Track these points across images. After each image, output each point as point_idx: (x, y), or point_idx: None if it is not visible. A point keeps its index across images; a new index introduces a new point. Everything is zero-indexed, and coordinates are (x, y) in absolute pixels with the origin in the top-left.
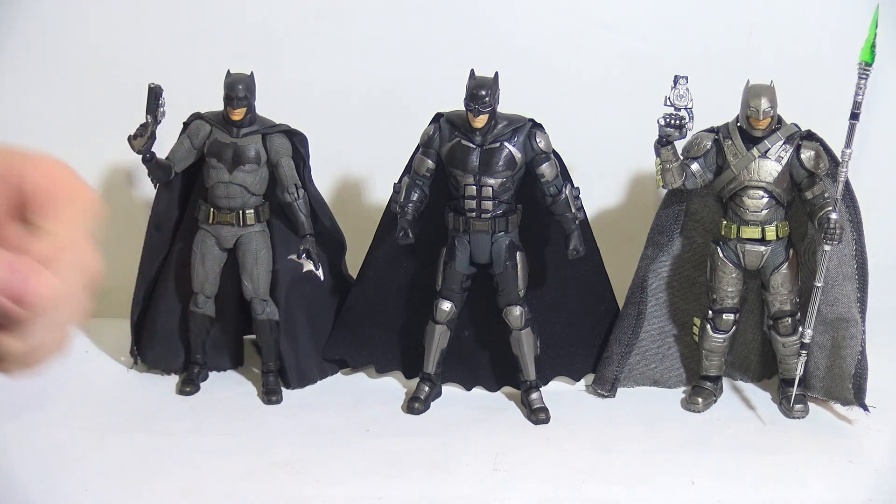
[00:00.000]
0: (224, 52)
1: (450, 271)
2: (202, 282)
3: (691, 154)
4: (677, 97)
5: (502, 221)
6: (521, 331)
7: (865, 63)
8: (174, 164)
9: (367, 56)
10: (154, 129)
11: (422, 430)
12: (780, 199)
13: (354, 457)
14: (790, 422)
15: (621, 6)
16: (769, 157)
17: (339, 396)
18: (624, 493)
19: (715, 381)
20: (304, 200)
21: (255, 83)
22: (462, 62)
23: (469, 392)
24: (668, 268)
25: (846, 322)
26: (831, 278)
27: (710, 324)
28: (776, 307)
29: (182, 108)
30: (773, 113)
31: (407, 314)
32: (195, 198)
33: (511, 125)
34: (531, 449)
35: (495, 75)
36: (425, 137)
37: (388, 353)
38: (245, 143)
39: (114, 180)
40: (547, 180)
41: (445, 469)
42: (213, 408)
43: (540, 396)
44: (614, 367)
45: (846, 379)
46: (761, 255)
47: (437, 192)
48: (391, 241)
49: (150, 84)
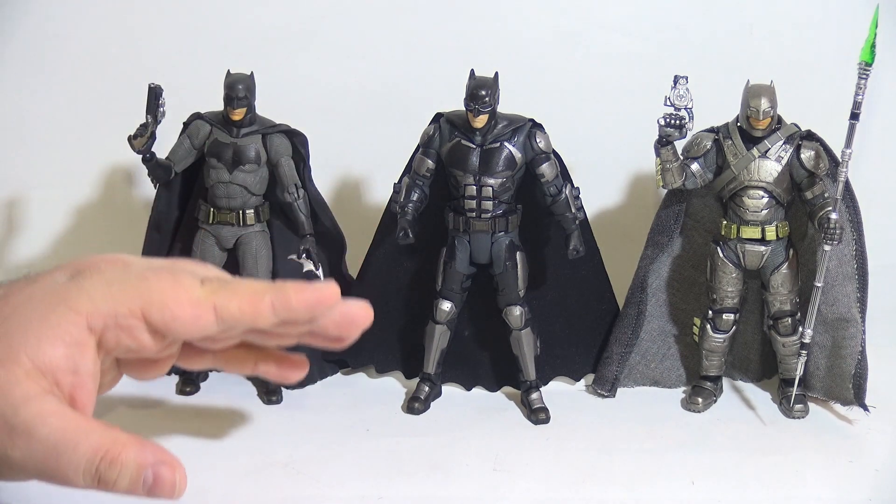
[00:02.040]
0: (224, 52)
1: (450, 271)
2: None
3: (691, 154)
4: (677, 97)
5: (502, 221)
6: (521, 331)
7: (865, 63)
8: (174, 164)
9: (367, 56)
10: (154, 129)
11: (422, 430)
12: (780, 199)
13: (354, 457)
14: (790, 422)
15: (621, 6)
16: (769, 157)
17: (339, 396)
18: (624, 493)
19: (715, 381)
20: (304, 200)
21: (255, 83)
22: (462, 62)
23: (469, 392)
24: (668, 268)
25: (846, 322)
26: (831, 278)
27: (710, 324)
28: (776, 307)
29: (182, 108)
30: (773, 113)
31: (407, 314)
32: (195, 198)
33: (511, 125)
34: (531, 449)
35: (495, 75)
36: (425, 137)
37: (388, 353)
38: (245, 143)
39: (114, 180)
40: (547, 180)
41: (445, 469)
42: (213, 408)
43: (540, 396)
44: (614, 367)
45: (846, 379)
46: (761, 255)
47: (437, 192)
48: (391, 241)
49: (150, 84)
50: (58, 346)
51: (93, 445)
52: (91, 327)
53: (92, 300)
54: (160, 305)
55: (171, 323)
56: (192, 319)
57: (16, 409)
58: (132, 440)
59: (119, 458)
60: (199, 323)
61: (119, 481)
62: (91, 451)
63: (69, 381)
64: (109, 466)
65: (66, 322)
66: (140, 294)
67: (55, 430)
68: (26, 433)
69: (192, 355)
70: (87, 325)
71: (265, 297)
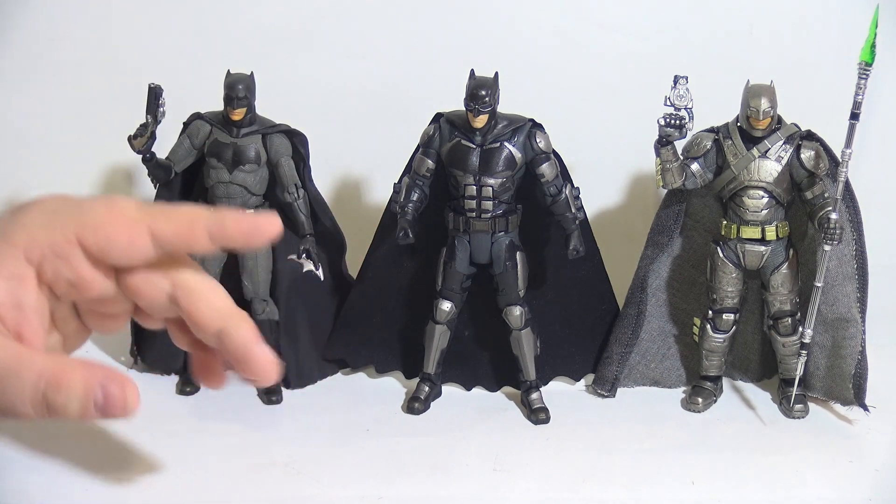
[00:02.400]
0: (224, 52)
1: (450, 271)
2: None
3: (691, 154)
4: (677, 97)
5: (502, 221)
6: (521, 331)
7: (865, 63)
8: (174, 164)
9: (367, 56)
10: (154, 129)
11: (422, 430)
12: (780, 199)
13: (354, 457)
14: (790, 422)
15: (621, 6)
16: (769, 157)
17: (339, 396)
18: (624, 493)
19: (715, 381)
20: (304, 200)
21: (255, 83)
22: (462, 62)
23: (469, 392)
24: (668, 268)
25: (846, 322)
26: (831, 278)
27: (710, 324)
28: (776, 307)
29: (182, 108)
30: (773, 113)
31: (407, 314)
32: (195, 198)
33: (511, 125)
34: (531, 449)
35: (495, 75)
36: (425, 137)
37: (388, 353)
38: (245, 143)
39: (114, 180)
40: (547, 180)
41: (445, 469)
42: (213, 408)
43: (540, 396)
44: (614, 367)
45: (846, 379)
46: (761, 255)
47: (437, 192)
48: (391, 241)
49: (150, 84)
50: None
51: (36, 371)
52: (28, 259)
53: (28, 232)
54: (94, 228)
55: (105, 246)
56: (128, 241)
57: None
58: (78, 363)
59: (64, 380)
60: (134, 245)
61: (69, 405)
62: (35, 377)
63: (13, 317)
64: (57, 391)
65: (4, 256)
66: (74, 220)
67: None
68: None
69: (144, 317)
70: (24, 258)
71: (201, 221)
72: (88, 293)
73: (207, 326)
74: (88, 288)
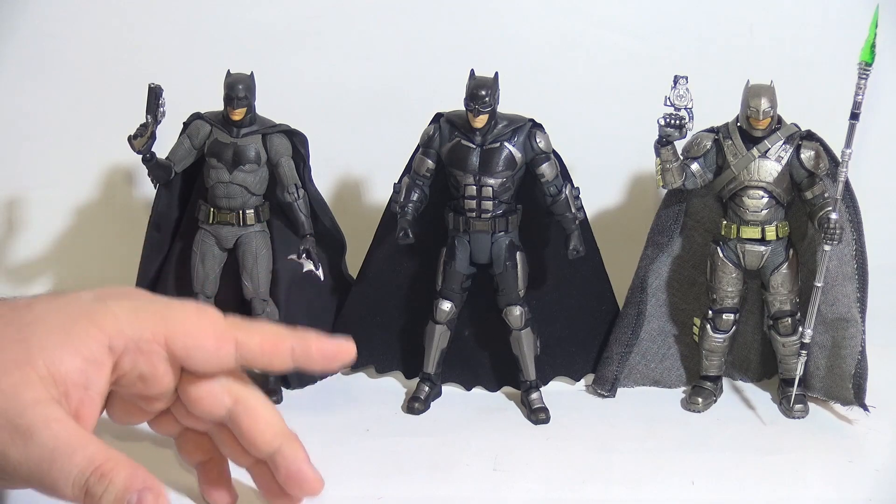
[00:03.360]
0: (224, 52)
1: (450, 271)
2: (202, 282)
3: (691, 154)
4: (677, 97)
5: (502, 221)
6: (521, 331)
7: (865, 63)
8: (174, 164)
9: (367, 56)
10: (154, 129)
11: (422, 430)
12: (780, 199)
13: (354, 457)
14: (790, 422)
15: (621, 6)
16: (769, 157)
17: (339, 396)
18: (624, 493)
19: (715, 381)
20: (304, 200)
21: (255, 83)
22: (462, 62)
23: (469, 392)
24: (668, 268)
25: (846, 322)
26: (831, 278)
27: (710, 324)
28: (776, 307)
29: (182, 108)
30: (773, 113)
31: (407, 314)
32: (195, 198)
33: (511, 125)
34: (531, 449)
35: (495, 75)
36: (425, 137)
37: (388, 353)
38: (245, 143)
39: (114, 180)
40: (547, 180)
41: (445, 469)
42: None
43: (540, 396)
44: (614, 367)
45: (846, 379)
46: (761, 255)
47: (437, 192)
48: (391, 241)
49: (150, 84)
50: (75, 359)
51: (87, 457)
52: (112, 347)
53: (117, 321)
54: (184, 333)
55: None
56: (214, 349)
57: (23, 410)
58: (125, 462)
59: (109, 474)
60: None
61: (105, 497)
62: (85, 462)
63: (78, 396)
64: (99, 481)
65: (88, 337)
66: (165, 321)
67: (55, 436)
68: (28, 434)
69: (163, 420)
70: (108, 345)
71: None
72: (154, 390)
73: (266, 444)
74: (157, 386)
